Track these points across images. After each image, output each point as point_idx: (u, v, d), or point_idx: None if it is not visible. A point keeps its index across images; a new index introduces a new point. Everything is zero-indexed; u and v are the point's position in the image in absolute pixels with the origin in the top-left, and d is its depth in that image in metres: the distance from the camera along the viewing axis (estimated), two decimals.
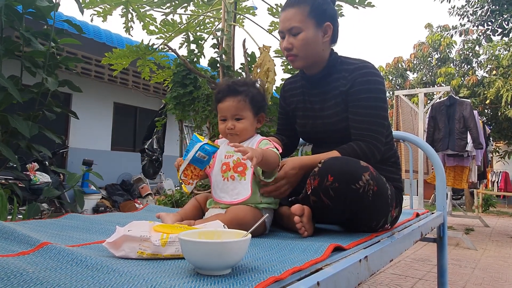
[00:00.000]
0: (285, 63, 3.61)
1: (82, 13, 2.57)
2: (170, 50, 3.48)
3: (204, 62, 3.87)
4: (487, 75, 10.07)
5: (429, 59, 11.74)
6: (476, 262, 3.29)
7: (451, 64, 11.11)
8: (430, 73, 11.72)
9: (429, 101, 5.91)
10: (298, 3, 1.34)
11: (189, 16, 3.76)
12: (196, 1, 3.72)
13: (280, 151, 1.25)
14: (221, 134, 1.31)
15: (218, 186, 1.23)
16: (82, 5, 3.24)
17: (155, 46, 3.64)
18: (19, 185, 4.17)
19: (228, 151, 1.25)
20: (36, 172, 4.94)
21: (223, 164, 1.24)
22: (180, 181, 1.21)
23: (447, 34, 11.15)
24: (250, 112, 1.26)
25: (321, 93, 1.41)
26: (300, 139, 1.66)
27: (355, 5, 3.34)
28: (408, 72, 12.47)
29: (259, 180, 1.21)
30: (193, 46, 3.56)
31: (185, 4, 3.68)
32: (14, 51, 1.89)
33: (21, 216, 2.41)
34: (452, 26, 10.70)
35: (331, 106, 1.38)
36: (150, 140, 6.41)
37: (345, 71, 1.35)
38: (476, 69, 10.79)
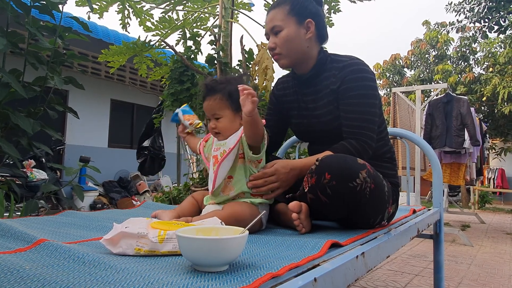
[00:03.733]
0: None
1: (92, 10, 2.55)
2: (167, 47, 3.47)
3: (201, 59, 3.86)
4: (483, 72, 10.09)
5: (426, 56, 11.74)
6: (472, 258, 3.31)
7: (448, 61, 11.12)
8: (427, 70, 11.73)
9: (426, 98, 5.92)
10: (279, 4, 1.37)
11: (185, 12, 3.75)
12: None
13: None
14: (211, 132, 1.30)
15: (211, 179, 1.23)
16: (79, 3, 3.23)
17: (152, 43, 3.62)
18: (16, 182, 4.15)
19: (217, 144, 1.26)
20: (33, 169, 4.93)
21: (213, 157, 1.25)
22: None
23: (444, 30, 11.16)
24: (229, 110, 1.23)
25: (313, 92, 1.42)
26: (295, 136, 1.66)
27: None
28: (405, 69, 12.47)
29: (248, 164, 1.22)
30: (190, 43, 3.55)
31: (184, 1, 3.67)
32: (18, 43, 1.87)
33: (18, 213, 2.41)
34: (449, 22, 10.71)
35: (323, 105, 1.38)
36: (152, 137, 6.37)
37: (334, 69, 1.36)
38: (473, 66, 10.81)
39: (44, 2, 1.88)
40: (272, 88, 1.63)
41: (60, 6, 1.95)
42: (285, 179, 1.22)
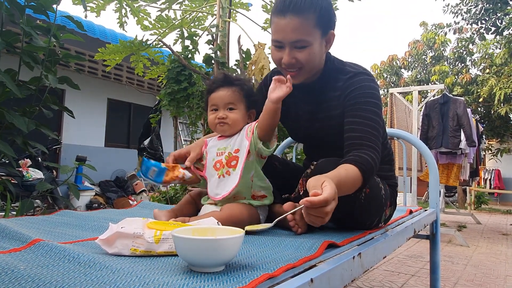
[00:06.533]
0: None
1: (85, 9, 2.54)
2: (164, 46, 3.46)
3: (198, 58, 3.86)
4: (480, 74, 10.14)
5: (423, 57, 11.79)
6: (468, 258, 3.32)
7: (445, 62, 11.17)
8: (424, 71, 11.77)
9: (423, 99, 5.94)
10: (302, 10, 1.12)
11: (183, 12, 3.74)
12: None
13: None
14: (210, 125, 1.27)
15: (214, 184, 1.22)
16: (75, 1, 3.22)
17: (149, 42, 3.62)
18: (12, 181, 4.13)
19: (219, 148, 1.24)
20: (29, 168, 4.91)
21: (216, 162, 1.23)
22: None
23: (441, 31, 11.20)
24: (243, 105, 1.25)
25: (315, 102, 1.31)
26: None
27: None
28: (402, 70, 12.52)
29: (257, 159, 1.21)
30: (187, 42, 3.55)
31: (180, 0, 3.66)
32: (13, 43, 1.86)
33: (14, 213, 2.40)
34: (447, 24, 10.75)
35: (323, 118, 1.28)
36: (149, 138, 6.37)
37: (339, 81, 1.25)
38: (470, 67, 10.86)
39: (39, 1, 1.87)
40: (266, 79, 1.47)
41: (54, 6, 1.94)
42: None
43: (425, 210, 2.01)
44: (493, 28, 7.24)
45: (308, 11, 1.12)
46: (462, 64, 10.86)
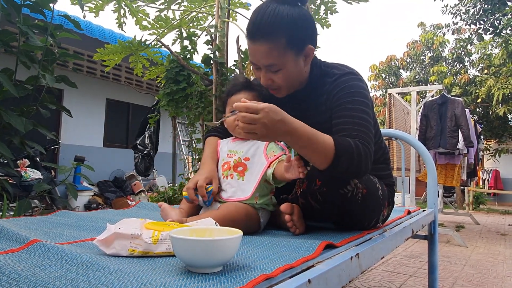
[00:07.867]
0: None
1: (82, 9, 2.54)
2: (163, 46, 3.46)
3: (197, 59, 3.85)
4: (479, 74, 10.15)
5: (422, 57, 11.81)
6: (466, 259, 3.32)
7: (444, 63, 11.18)
8: (423, 72, 11.79)
9: (421, 99, 5.94)
10: (270, 34, 1.08)
11: (182, 12, 3.74)
12: None
13: (287, 153, 1.24)
14: (229, 127, 1.31)
15: (220, 182, 1.25)
16: (74, 1, 3.21)
17: (147, 42, 3.61)
18: (10, 181, 4.12)
19: (230, 150, 1.27)
20: (27, 168, 4.90)
21: (225, 163, 1.26)
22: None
23: (440, 32, 11.23)
24: None
25: (304, 110, 1.29)
26: None
27: (349, 1, 3.34)
28: (401, 70, 12.54)
29: (264, 183, 1.21)
30: (186, 43, 3.55)
31: (179, 0, 3.66)
32: (10, 42, 1.86)
33: (12, 213, 2.39)
34: (445, 24, 10.77)
35: (314, 123, 1.20)
36: (142, 136, 6.43)
37: (326, 84, 1.22)
38: (468, 68, 10.88)
39: (35, 0, 1.87)
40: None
41: (51, 5, 1.94)
42: (267, 128, 0.92)
43: (423, 211, 2.01)
44: (491, 29, 7.25)
45: (276, 34, 1.08)
46: (461, 65, 10.88)
